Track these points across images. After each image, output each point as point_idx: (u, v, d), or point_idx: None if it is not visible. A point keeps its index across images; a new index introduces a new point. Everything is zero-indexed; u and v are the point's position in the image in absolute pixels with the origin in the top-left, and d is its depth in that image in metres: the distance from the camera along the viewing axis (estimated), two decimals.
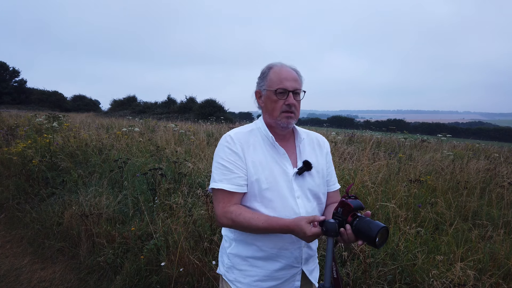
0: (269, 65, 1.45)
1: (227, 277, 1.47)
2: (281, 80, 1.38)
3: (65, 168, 5.26)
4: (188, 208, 3.60)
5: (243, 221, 1.29)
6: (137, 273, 2.92)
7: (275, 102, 1.39)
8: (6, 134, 7.68)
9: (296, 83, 1.40)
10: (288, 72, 1.40)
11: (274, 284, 1.41)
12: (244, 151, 1.38)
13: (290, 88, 1.38)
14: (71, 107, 41.05)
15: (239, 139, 1.41)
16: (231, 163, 1.36)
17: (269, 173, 1.37)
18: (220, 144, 1.42)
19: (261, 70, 1.47)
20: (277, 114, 1.40)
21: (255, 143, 1.42)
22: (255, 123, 1.51)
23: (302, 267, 1.43)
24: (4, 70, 45.04)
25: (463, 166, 5.33)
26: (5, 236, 3.96)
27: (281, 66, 1.43)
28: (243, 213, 1.31)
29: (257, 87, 1.48)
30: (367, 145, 7.03)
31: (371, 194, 3.73)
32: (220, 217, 1.34)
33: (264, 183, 1.36)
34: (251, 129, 1.47)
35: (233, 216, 1.31)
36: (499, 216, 3.57)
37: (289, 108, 1.39)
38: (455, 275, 2.27)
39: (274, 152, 1.42)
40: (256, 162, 1.38)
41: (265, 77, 1.43)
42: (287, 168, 1.41)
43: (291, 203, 1.37)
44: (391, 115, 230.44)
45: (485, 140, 18.67)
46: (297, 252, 1.40)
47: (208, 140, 7.56)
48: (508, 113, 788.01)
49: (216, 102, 28.91)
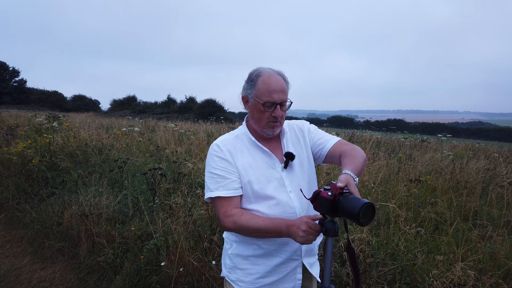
0: (257, 71, 1.41)
1: (229, 278, 1.50)
2: (269, 92, 1.36)
3: (65, 168, 5.26)
4: (188, 208, 3.60)
5: (244, 221, 1.31)
6: (137, 273, 2.92)
7: (262, 113, 1.39)
8: (6, 134, 7.68)
9: (283, 95, 1.38)
10: (277, 83, 1.37)
11: (276, 278, 1.44)
12: (233, 156, 1.41)
13: (278, 100, 1.37)
14: (71, 107, 41.06)
15: (226, 145, 1.43)
16: (222, 170, 1.39)
17: (260, 173, 1.40)
18: (209, 154, 1.45)
19: (249, 73, 1.44)
20: (263, 124, 1.41)
21: (242, 147, 1.45)
22: (239, 129, 1.53)
23: (302, 259, 1.45)
24: (4, 70, 45.05)
25: (463, 166, 5.33)
26: (5, 236, 3.95)
27: (270, 75, 1.38)
28: (244, 214, 1.34)
29: (243, 92, 1.45)
30: (367, 145, 7.03)
31: (371, 194, 3.73)
32: (223, 221, 1.36)
33: (256, 183, 1.39)
34: (237, 134, 1.50)
35: (235, 218, 1.33)
36: (499, 216, 3.57)
37: (275, 120, 1.40)
38: (455, 275, 2.27)
39: (262, 152, 1.45)
40: (246, 164, 1.41)
41: (253, 85, 1.40)
42: (275, 166, 1.44)
43: (285, 198, 1.40)
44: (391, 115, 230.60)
45: (485, 140, 18.68)
46: (296, 245, 1.43)
47: (208, 140, 7.56)
48: (508, 113, 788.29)
49: (216, 102, 28.92)
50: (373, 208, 1.09)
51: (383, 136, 10.16)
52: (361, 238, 2.65)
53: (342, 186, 1.16)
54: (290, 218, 1.37)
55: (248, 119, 1.50)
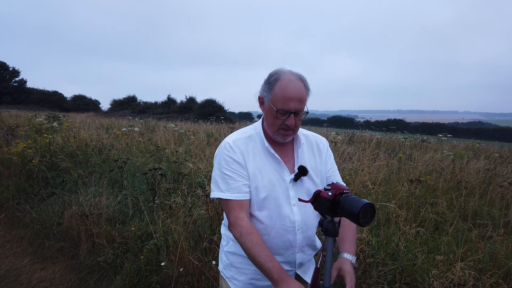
0: (277, 74, 1.33)
1: (225, 274, 1.51)
2: (285, 100, 1.29)
3: (65, 168, 5.26)
4: (188, 208, 3.60)
5: (248, 243, 1.26)
6: (137, 273, 2.92)
7: (275, 119, 1.33)
8: (6, 134, 7.68)
9: (300, 104, 1.30)
10: (295, 90, 1.29)
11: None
12: (244, 158, 1.38)
13: (293, 109, 1.29)
14: (71, 107, 41.02)
15: (239, 146, 1.39)
16: (233, 171, 1.36)
17: (267, 181, 1.37)
18: (220, 152, 1.40)
19: (269, 74, 1.37)
20: (275, 129, 1.36)
21: (254, 149, 1.41)
22: (255, 127, 1.48)
23: (296, 270, 1.45)
24: (4, 70, 45.04)
25: (463, 166, 5.33)
26: (5, 236, 3.95)
27: (289, 81, 1.30)
28: (253, 235, 1.28)
29: (261, 92, 1.40)
30: (367, 145, 7.03)
31: (371, 194, 3.73)
32: (233, 226, 1.32)
33: (262, 191, 1.36)
34: (250, 134, 1.44)
35: (243, 233, 1.28)
36: (499, 216, 3.57)
37: (287, 128, 1.34)
38: (455, 275, 2.27)
39: (273, 159, 1.41)
40: (256, 169, 1.38)
41: (271, 88, 1.33)
42: (284, 175, 1.40)
43: (286, 211, 1.37)
44: (391, 115, 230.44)
45: (485, 140, 18.64)
46: (291, 258, 1.42)
47: (208, 140, 7.56)
48: (508, 113, 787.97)
49: (216, 102, 28.90)
50: (373, 209, 1.09)
51: (383, 136, 10.16)
52: (361, 238, 2.65)
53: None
54: (289, 231, 1.37)
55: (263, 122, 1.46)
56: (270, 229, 1.38)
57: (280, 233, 1.38)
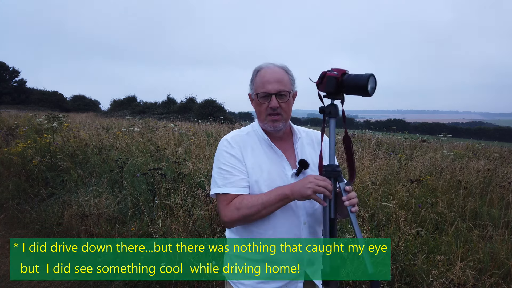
0: (257, 67, 1.42)
1: (231, 279, 1.48)
2: (263, 83, 1.35)
3: (65, 168, 5.25)
4: (188, 208, 3.60)
5: (246, 203, 1.29)
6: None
7: (260, 106, 1.38)
8: (6, 134, 7.68)
9: (279, 85, 1.34)
10: (272, 74, 1.36)
11: (277, 286, 1.40)
12: (243, 153, 1.39)
13: (273, 91, 1.33)
14: (71, 107, 40.99)
15: (237, 142, 1.40)
16: (231, 166, 1.36)
17: (268, 175, 1.37)
18: (218, 149, 1.42)
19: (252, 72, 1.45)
20: (263, 117, 1.39)
21: (253, 145, 1.42)
22: (252, 125, 1.50)
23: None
24: (4, 70, 45.04)
25: (463, 166, 5.32)
26: (5, 236, 3.95)
27: (267, 68, 1.38)
28: (245, 197, 1.33)
29: (249, 90, 1.46)
30: (367, 145, 7.03)
31: (371, 194, 3.73)
32: (225, 214, 1.33)
33: (263, 185, 1.36)
34: (248, 131, 1.47)
35: (236, 204, 1.31)
36: (499, 216, 3.56)
37: (272, 111, 1.36)
38: (455, 275, 2.27)
39: (272, 153, 1.41)
40: (255, 164, 1.38)
41: (253, 80, 1.41)
42: (285, 169, 1.40)
43: (289, 204, 1.36)
44: (391, 115, 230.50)
45: (485, 140, 18.64)
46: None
47: (208, 140, 7.56)
48: (508, 113, 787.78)
49: (216, 102, 28.88)
50: (375, 78, 1.21)
51: (383, 136, 10.16)
52: None
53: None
54: (294, 225, 1.37)
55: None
56: (274, 223, 1.36)
57: (286, 227, 1.37)
